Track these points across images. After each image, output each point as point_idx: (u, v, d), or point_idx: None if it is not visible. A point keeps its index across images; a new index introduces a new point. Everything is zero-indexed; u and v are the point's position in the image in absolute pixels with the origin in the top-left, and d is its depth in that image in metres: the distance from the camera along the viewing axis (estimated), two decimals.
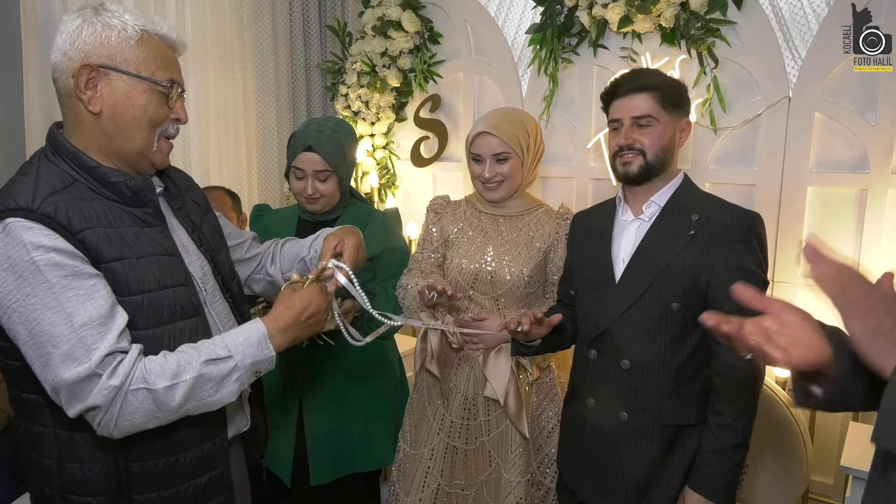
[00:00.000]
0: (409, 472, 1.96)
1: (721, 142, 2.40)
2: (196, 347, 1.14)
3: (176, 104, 1.21)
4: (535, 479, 1.88)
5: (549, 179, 2.82)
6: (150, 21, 1.17)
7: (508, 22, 2.92)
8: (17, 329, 1.04)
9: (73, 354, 1.03)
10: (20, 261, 1.02)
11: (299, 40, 3.30)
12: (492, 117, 1.85)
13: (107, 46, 1.12)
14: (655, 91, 1.50)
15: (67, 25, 1.12)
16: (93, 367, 1.03)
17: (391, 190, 3.27)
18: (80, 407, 1.05)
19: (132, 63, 1.14)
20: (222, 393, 1.14)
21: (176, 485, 1.20)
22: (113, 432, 1.08)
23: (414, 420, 2.01)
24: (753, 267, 1.46)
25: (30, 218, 1.04)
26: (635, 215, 1.59)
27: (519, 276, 1.83)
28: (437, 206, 2.02)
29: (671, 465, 1.52)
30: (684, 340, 1.51)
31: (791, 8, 2.29)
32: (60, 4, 2.49)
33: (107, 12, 1.14)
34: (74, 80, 1.12)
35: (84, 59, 1.11)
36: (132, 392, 1.06)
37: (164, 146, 1.23)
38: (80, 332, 1.03)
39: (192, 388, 1.10)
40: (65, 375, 1.02)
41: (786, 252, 2.31)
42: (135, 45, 1.14)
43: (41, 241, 1.03)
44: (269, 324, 1.20)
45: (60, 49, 1.12)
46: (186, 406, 1.11)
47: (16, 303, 1.03)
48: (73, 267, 1.05)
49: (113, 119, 1.14)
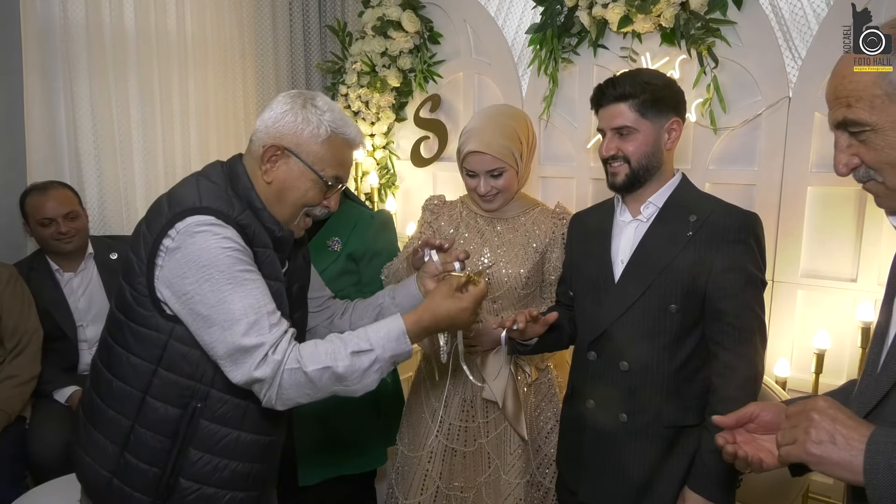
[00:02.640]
0: (408, 475, 1.96)
1: (721, 142, 2.40)
2: (342, 338, 1.29)
3: (331, 196, 1.40)
4: (534, 479, 1.88)
5: (549, 179, 2.82)
6: (344, 122, 1.37)
7: (508, 22, 2.92)
8: (207, 296, 1.21)
9: (258, 326, 1.21)
10: (217, 246, 1.22)
11: (299, 40, 3.30)
12: (482, 131, 1.79)
13: (298, 136, 1.33)
14: (633, 99, 1.49)
15: (278, 106, 1.35)
16: (269, 342, 1.22)
17: (391, 190, 3.27)
18: (248, 376, 1.21)
19: (311, 156, 1.34)
20: (364, 382, 1.28)
21: (217, 486, 1.34)
22: (276, 404, 1.25)
23: (412, 423, 2.00)
24: (751, 268, 1.46)
25: (227, 223, 1.26)
26: (633, 216, 1.59)
27: (516, 278, 1.83)
28: (433, 206, 2.01)
29: (671, 466, 1.52)
30: (683, 341, 1.51)
31: (791, 8, 2.29)
32: (60, 4, 2.49)
33: (313, 108, 1.34)
34: (263, 151, 1.33)
35: (277, 139, 1.33)
36: (289, 371, 1.23)
37: (303, 222, 1.42)
38: (262, 309, 1.23)
39: (341, 376, 1.25)
40: (245, 341, 1.20)
41: (786, 252, 2.31)
42: (321, 142, 1.34)
43: (234, 240, 1.25)
44: (409, 322, 1.32)
45: (265, 122, 1.36)
46: (334, 389, 1.27)
47: (208, 275, 1.21)
48: (251, 267, 1.27)
49: (278, 192, 1.35)
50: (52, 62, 2.52)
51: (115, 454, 1.31)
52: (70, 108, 2.57)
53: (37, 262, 2.42)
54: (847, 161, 0.93)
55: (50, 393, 2.33)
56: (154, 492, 1.30)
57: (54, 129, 2.57)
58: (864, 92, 0.89)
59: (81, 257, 2.45)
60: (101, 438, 1.33)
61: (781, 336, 2.35)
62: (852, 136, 0.92)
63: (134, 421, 1.30)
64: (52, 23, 2.50)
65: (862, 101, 0.89)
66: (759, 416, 1.02)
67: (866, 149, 0.91)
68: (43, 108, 2.52)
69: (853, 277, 2.24)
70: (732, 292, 1.45)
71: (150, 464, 1.30)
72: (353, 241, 1.95)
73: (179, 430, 1.29)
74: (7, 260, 2.39)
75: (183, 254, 1.23)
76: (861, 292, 2.21)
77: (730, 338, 1.45)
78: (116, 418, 1.31)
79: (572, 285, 1.71)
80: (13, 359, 2.23)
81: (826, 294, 2.28)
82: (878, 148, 0.90)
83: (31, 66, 2.44)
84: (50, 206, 2.33)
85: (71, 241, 2.38)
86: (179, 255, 1.23)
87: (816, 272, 2.30)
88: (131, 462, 1.30)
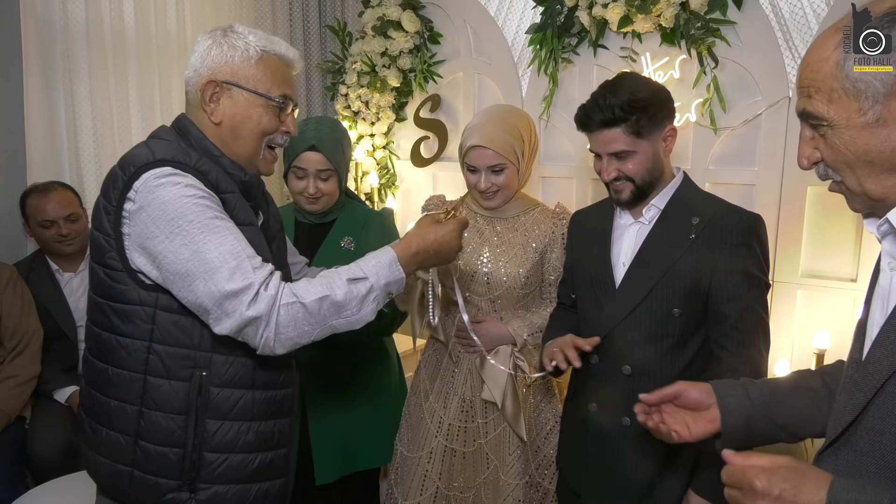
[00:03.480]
0: (407, 476, 1.96)
1: (721, 142, 2.40)
2: (336, 271, 1.26)
3: (287, 118, 1.34)
4: (533, 480, 1.87)
5: (549, 179, 2.82)
6: (270, 41, 1.32)
7: (508, 22, 2.92)
8: (180, 251, 1.15)
9: (240, 269, 1.15)
10: (180, 196, 1.16)
11: (299, 40, 3.30)
12: (485, 127, 1.81)
13: (230, 65, 1.27)
14: (625, 123, 1.44)
15: (200, 45, 1.29)
16: (257, 280, 1.16)
17: (391, 190, 3.27)
18: (240, 320, 1.14)
19: (251, 80, 1.28)
20: (363, 312, 1.24)
21: (245, 451, 1.29)
22: (275, 347, 1.18)
23: (411, 423, 2.00)
24: (754, 270, 1.46)
25: (185, 171, 1.20)
26: (635, 218, 1.58)
27: (515, 278, 1.83)
28: (433, 206, 2.01)
29: (674, 469, 1.51)
30: (686, 345, 1.50)
31: (791, 8, 2.29)
32: (60, 4, 2.49)
33: (234, 34, 1.29)
34: (201, 94, 1.28)
35: (210, 76, 1.27)
36: (284, 306, 1.17)
37: (269, 156, 1.36)
38: (241, 254, 1.17)
39: (339, 304, 1.21)
40: (230, 287, 1.14)
41: (785, 252, 2.31)
42: (255, 64, 1.29)
43: (197, 187, 1.19)
44: (398, 249, 1.31)
45: (192, 66, 1.29)
46: (333, 322, 1.22)
47: (178, 228, 1.15)
48: (222, 214, 1.21)
49: (231, 129, 1.30)
50: (52, 62, 2.52)
51: (130, 445, 1.25)
52: (70, 108, 2.56)
53: (37, 263, 2.42)
54: (809, 154, 0.88)
55: (50, 393, 2.33)
56: (180, 473, 1.24)
57: (54, 129, 2.56)
58: (823, 84, 0.83)
59: (81, 257, 2.45)
60: (110, 434, 1.27)
61: (781, 336, 2.35)
62: (813, 128, 0.87)
63: (140, 405, 1.24)
64: (52, 23, 2.50)
65: (821, 94, 0.83)
66: (684, 393, 1.12)
67: (825, 145, 0.86)
68: (43, 107, 2.51)
69: (853, 277, 2.24)
70: (735, 295, 1.44)
71: (169, 445, 1.24)
72: (365, 239, 1.95)
73: (190, 403, 1.24)
74: (7, 260, 2.39)
75: (147, 213, 1.16)
76: (861, 292, 2.18)
77: (732, 340, 1.45)
78: (121, 407, 1.25)
79: (574, 287, 1.70)
80: (13, 359, 2.23)
81: (826, 294, 2.28)
82: (834, 146, 0.84)
83: (31, 66, 2.44)
84: (51, 207, 2.33)
85: (72, 244, 2.38)
86: (144, 216, 1.17)
87: (816, 272, 2.30)
88: (148, 449, 1.24)
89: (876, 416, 0.83)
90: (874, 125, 0.80)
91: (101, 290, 1.26)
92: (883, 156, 0.81)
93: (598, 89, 1.52)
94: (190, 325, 1.23)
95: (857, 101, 0.80)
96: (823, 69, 0.83)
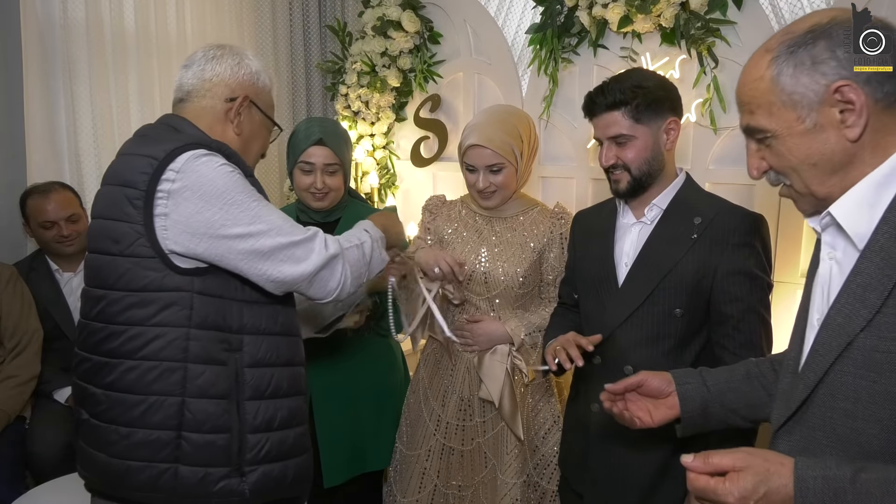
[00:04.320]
0: (406, 473, 1.96)
1: (721, 142, 2.40)
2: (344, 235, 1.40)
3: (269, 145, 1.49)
4: (531, 479, 1.87)
5: (549, 179, 2.82)
6: (266, 71, 1.44)
7: (508, 22, 2.92)
8: (240, 216, 1.20)
9: (298, 226, 1.28)
10: (225, 172, 1.21)
11: (299, 40, 3.30)
12: (484, 126, 1.81)
13: (255, 86, 1.38)
14: (626, 106, 1.46)
15: (228, 57, 1.35)
16: (319, 231, 1.31)
17: (391, 190, 3.27)
18: (323, 256, 1.27)
19: (265, 105, 1.42)
20: (374, 261, 1.41)
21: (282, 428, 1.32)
22: (348, 284, 1.32)
23: (410, 421, 2.01)
24: (756, 271, 1.45)
25: (212, 153, 1.23)
26: (637, 218, 1.57)
27: (513, 277, 1.83)
28: (433, 206, 2.02)
29: (677, 469, 1.50)
30: (688, 345, 1.50)
31: (791, 8, 2.29)
32: (60, 4, 2.49)
33: (249, 59, 1.39)
34: (227, 104, 1.34)
35: (245, 92, 1.36)
36: (347, 249, 1.33)
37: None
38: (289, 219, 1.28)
39: (365, 252, 1.37)
40: (299, 236, 1.26)
41: (786, 252, 2.31)
42: (268, 91, 1.42)
43: (231, 166, 1.24)
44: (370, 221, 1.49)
45: (220, 74, 1.34)
46: (362, 270, 1.37)
47: (232, 199, 1.20)
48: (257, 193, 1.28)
49: (244, 143, 1.39)
50: (52, 62, 2.52)
51: (172, 439, 1.22)
52: (70, 108, 2.57)
53: (37, 263, 2.42)
54: (757, 165, 0.96)
55: (50, 393, 2.33)
56: (228, 459, 1.23)
57: (54, 129, 2.57)
58: (762, 99, 0.91)
59: (82, 257, 2.44)
60: (148, 433, 1.22)
61: (782, 336, 2.35)
62: (759, 141, 0.95)
63: (182, 395, 1.22)
64: (52, 23, 2.51)
65: (762, 108, 0.92)
66: (646, 382, 1.21)
67: (771, 153, 0.93)
68: (43, 108, 2.52)
69: None
70: (737, 295, 1.44)
71: (216, 431, 1.23)
72: None
73: (230, 386, 1.24)
74: (7, 260, 2.39)
75: (192, 190, 1.18)
76: None
77: (735, 341, 1.45)
78: (160, 401, 1.21)
79: (577, 287, 1.70)
80: (13, 359, 2.23)
81: None
82: (779, 153, 0.92)
83: (31, 66, 2.44)
84: (51, 208, 2.32)
85: (73, 244, 2.38)
86: (188, 193, 1.18)
87: None
88: (194, 439, 1.22)
89: (826, 394, 0.90)
90: (813, 130, 0.88)
91: (127, 283, 1.22)
92: (824, 158, 0.88)
93: (607, 79, 1.55)
94: (224, 307, 1.25)
95: (795, 110, 0.88)
96: (760, 86, 0.91)
